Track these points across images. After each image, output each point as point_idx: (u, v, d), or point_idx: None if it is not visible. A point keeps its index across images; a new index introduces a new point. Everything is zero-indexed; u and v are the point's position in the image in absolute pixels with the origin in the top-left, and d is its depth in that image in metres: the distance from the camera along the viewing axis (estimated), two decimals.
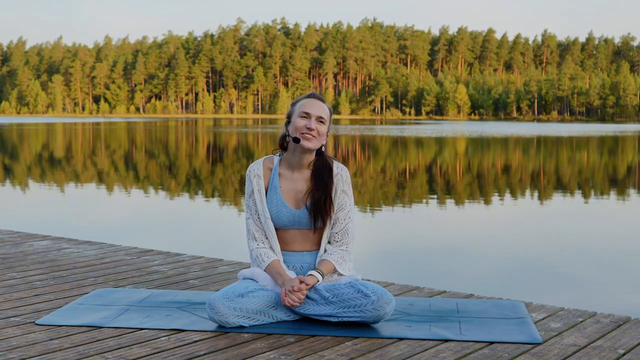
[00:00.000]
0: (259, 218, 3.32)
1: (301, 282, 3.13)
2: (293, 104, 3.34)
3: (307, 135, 3.22)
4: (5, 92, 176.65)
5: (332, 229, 3.30)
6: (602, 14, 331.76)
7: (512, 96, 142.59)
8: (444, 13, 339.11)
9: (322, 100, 3.32)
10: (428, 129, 63.92)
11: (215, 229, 9.53)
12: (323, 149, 3.31)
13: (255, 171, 3.35)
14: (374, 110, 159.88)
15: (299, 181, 3.31)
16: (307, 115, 3.24)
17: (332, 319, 3.12)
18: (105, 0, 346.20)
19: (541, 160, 23.28)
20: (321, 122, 3.26)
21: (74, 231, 8.46)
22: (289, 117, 3.32)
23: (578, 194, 13.95)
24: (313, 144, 3.24)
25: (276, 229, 3.31)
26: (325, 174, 3.28)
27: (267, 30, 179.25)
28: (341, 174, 3.30)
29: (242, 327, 3.08)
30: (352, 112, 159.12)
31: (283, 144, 3.36)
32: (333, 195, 3.28)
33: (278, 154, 3.39)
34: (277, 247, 3.29)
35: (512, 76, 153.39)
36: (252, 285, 3.19)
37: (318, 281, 3.18)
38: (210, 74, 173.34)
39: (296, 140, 3.23)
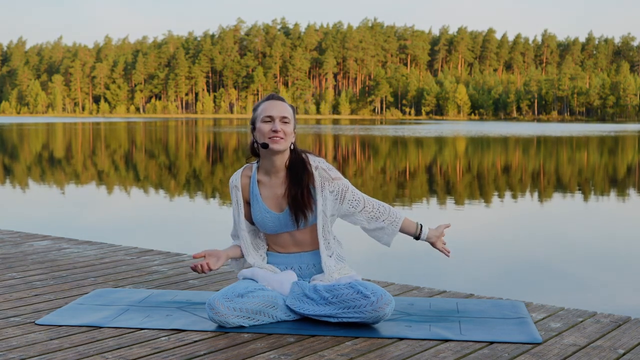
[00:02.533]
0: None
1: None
2: (254, 109, 3.32)
3: (275, 138, 3.21)
4: (5, 92, 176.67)
5: (360, 215, 3.32)
6: (602, 14, 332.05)
7: (512, 96, 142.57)
8: (444, 13, 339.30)
9: (283, 100, 3.31)
10: (428, 128, 63.89)
11: (215, 229, 9.52)
12: (292, 147, 3.30)
13: (234, 182, 3.35)
14: (374, 110, 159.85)
15: (278, 185, 3.30)
16: (270, 119, 3.23)
17: (331, 320, 3.12)
18: (105, 0, 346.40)
19: (541, 160, 23.27)
20: (285, 122, 3.25)
21: (74, 231, 8.45)
22: (253, 123, 3.30)
23: (578, 194, 13.95)
24: (282, 146, 3.22)
25: (269, 235, 3.34)
26: (299, 169, 3.27)
27: (267, 30, 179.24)
28: (321, 167, 3.28)
29: (242, 327, 3.08)
30: (352, 112, 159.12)
31: (254, 151, 3.34)
32: (312, 189, 3.26)
33: (255, 162, 3.37)
34: (251, 256, 3.35)
35: (512, 76, 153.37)
36: (252, 285, 3.19)
37: (421, 233, 3.54)
38: (210, 74, 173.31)
39: (264, 146, 3.22)
